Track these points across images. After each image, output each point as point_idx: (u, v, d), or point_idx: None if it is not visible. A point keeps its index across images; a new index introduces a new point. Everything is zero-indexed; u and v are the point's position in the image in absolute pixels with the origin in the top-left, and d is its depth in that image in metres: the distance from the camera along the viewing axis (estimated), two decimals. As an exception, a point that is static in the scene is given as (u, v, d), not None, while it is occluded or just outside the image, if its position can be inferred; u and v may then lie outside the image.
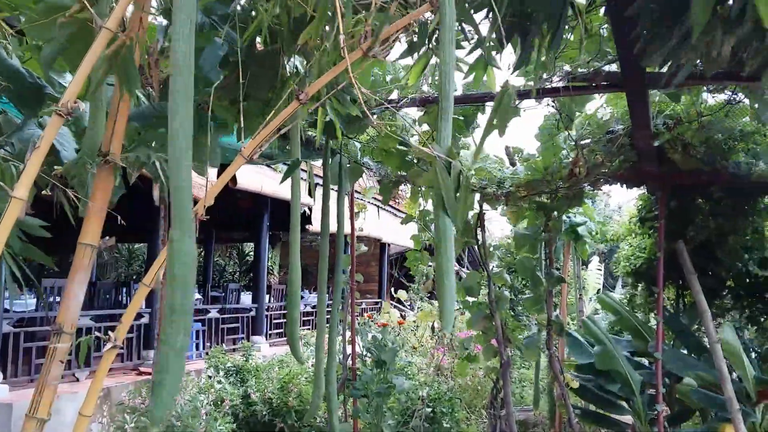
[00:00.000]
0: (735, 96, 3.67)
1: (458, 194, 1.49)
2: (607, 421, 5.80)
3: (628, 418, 5.61)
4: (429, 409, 5.52)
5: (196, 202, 1.60)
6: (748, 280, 5.84)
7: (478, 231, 5.58)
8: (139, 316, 8.29)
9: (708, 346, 4.93)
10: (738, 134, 4.07)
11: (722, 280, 5.89)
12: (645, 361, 5.68)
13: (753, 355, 5.53)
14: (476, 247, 5.65)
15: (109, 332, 1.60)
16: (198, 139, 2.02)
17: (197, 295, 11.58)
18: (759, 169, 4.10)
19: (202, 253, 15.16)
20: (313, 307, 13.05)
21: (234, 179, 7.94)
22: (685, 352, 5.65)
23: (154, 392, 1.30)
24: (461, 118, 4.07)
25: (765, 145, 4.19)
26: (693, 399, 5.09)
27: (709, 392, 4.93)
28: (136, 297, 1.69)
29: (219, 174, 1.81)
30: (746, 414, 4.79)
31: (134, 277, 17.52)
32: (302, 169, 6.75)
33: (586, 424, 6.17)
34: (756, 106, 3.64)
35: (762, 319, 5.90)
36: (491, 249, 5.84)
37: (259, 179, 8.57)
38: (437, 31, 2.03)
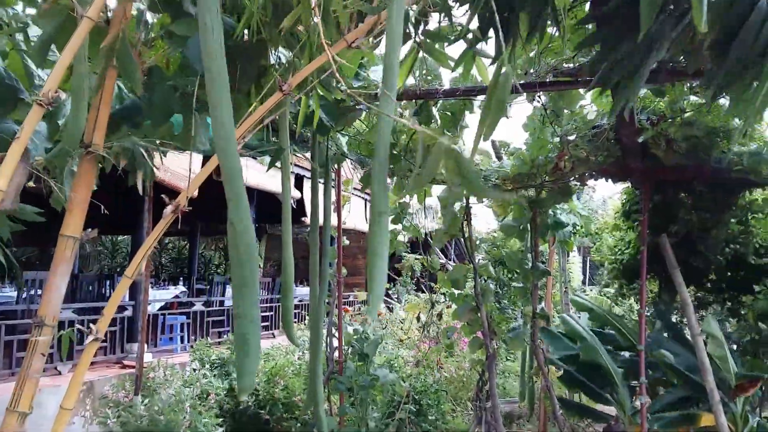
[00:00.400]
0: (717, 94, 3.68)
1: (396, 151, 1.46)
2: (591, 412, 5.86)
3: (611, 409, 5.67)
4: (415, 402, 5.54)
5: (178, 193, 1.58)
6: (729, 274, 5.91)
7: (465, 224, 5.60)
8: (122, 309, 8.22)
9: (690, 338, 4.99)
10: (720, 131, 4.11)
11: (704, 274, 5.95)
12: (626, 354, 5.74)
13: (734, 347, 5.61)
14: (462, 239, 5.67)
15: (91, 325, 1.58)
16: (185, 127, 2.01)
17: (182, 288, 11.52)
18: (740, 162, 4.14)
19: (187, 246, 15.07)
20: (301, 300, 13.03)
21: (218, 170, 7.88)
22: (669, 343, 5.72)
23: (238, 363, 1.43)
24: (449, 114, 4.07)
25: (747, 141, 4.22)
26: (673, 374, 5.15)
27: (690, 376, 4.99)
28: (118, 289, 1.67)
29: (203, 165, 1.80)
30: (726, 405, 4.86)
31: (117, 270, 17.38)
32: (292, 162, 6.70)
33: (570, 416, 6.23)
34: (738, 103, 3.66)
35: (743, 312, 5.98)
36: (477, 242, 5.86)
37: (244, 171, 8.52)
38: (423, 23, 2.02)
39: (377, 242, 1.46)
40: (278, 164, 2.35)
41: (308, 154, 3.52)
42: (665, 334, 5.78)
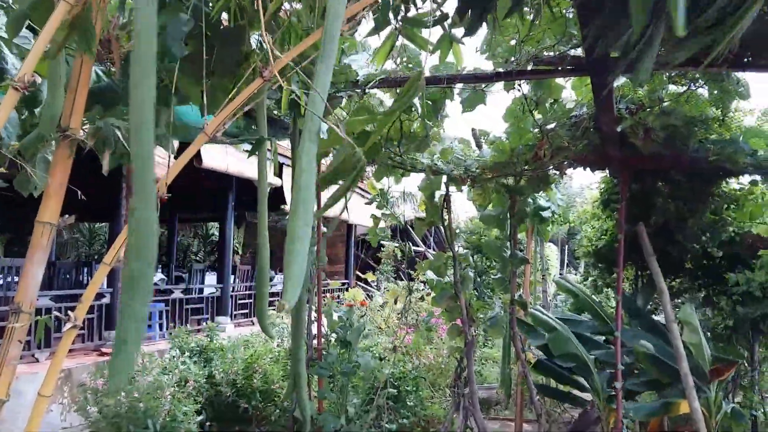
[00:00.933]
0: (694, 83, 3.74)
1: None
2: (567, 397, 5.95)
3: (587, 394, 5.76)
4: (394, 389, 5.58)
5: (157, 180, 1.57)
6: (705, 262, 6.01)
7: (444, 212, 5.62)
8: (100, 296, 8.16)
9: (665, 325, 5.08)
10: (697, 121, 4.16)
11: (681, 262, 6.04)
12: (603, 340, 5.82)
13: (708, 334, 5.71)
14: (442, 227, 5.70)
15: (69, 312, 1.57)
16: (161, 113, 1.99)
17: (160, 275, 11.43)
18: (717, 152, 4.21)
19: (166, 233, 14.94)
20: (279, 288, 13.01)
21: (199, 158, 7.83)
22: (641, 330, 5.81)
23: (111, 361, 1.32)
24: (429, 102, 4.07)
25: (724, 131, 4.28)
26: (648, 364, 5.24)
27: (666, 361, 5.08)
28: (96, 276, 1.66)
29: (182, 152, 1.78)
30: (701, 390, 4.96)
31: (95, 257, 17.18)
32: (267, 149, 6.68)
33: (546, 400, 6.33)
34: (715, 92, 3.72)
35: (717, 300, 6.09)
36: (456, 230, 5.90)
37: (225, 158, 8.46)
38: (402, 10, 2.02)
39: (297, 223, 1.34)
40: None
41: (286, 142, 3.50)
42: (638, 322, 5.88)
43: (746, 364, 5.81)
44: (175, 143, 2.85)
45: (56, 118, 1.61)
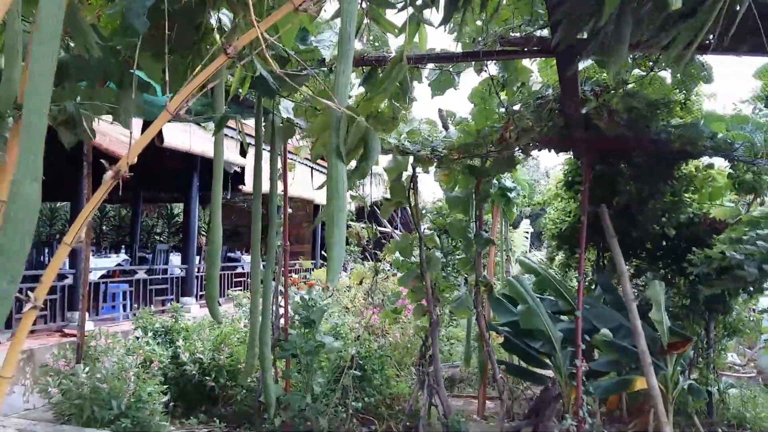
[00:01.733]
0: (658, 66, 3.81)
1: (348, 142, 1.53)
2: (530, 375, 6.08)
3: (549, 373, 5.89)
4: (359, 368, 5.62)
5: (118, 159, 1.55)
6: (664, 243, 6.16)
7: (411, 193, 5.65)
8: (62, 277, 8.02)
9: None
10: (660, 103, 4.24)
11: (641, 243, 6.19)
12: (566, 319, 5.95)
13: (667, 312, 5.87)
14: (408, 208, 5.72)
15: (29, 293, 1.54)
16: (122, 91, 1.95)
17: (124, 256, 11.26)
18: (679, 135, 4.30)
19: (129, 213, 14.69)
20: (244, 268, 12.94)
21: (161, 137, 7.69)
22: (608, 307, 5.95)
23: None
24: (397, 83, 4.05)
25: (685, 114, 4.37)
26: (607, 349, 5.39)
27: (623, 344, 5.22)
28: (56, 256, 1.63)
29: (143, 131, 1.75)
30: (658, 367, 5.11)
31: (57, 237, 16.82)
32: (231, 127, 6.58)
33: (510, 378, 6.45)
34: (678, 76, 3.79)
35: (675, 280, 6.26)
36: (423, 211, 5.93)
37: (188, 138, 8.32)
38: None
39: (335, 209, 1.52)
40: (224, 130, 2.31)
41: (252, 122, 3.47)
42: (602, 300, 6.02)
43: (702, 343, 6.00)
44: (138, 122, 2.80)
45: (14, 94, 1.57)
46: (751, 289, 5.73)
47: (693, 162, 5.89)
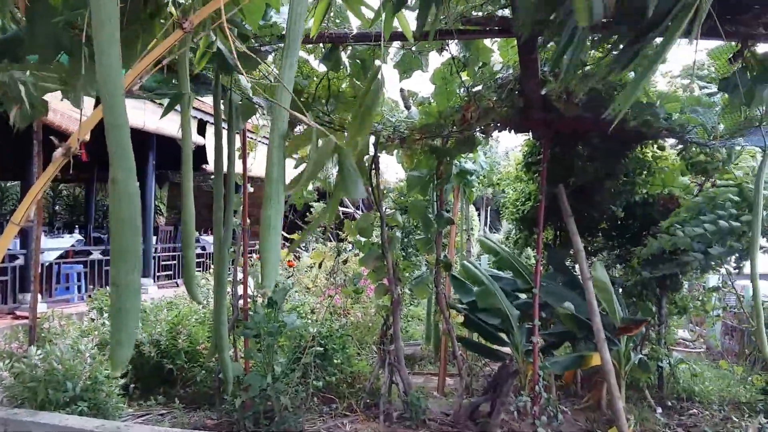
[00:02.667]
0: (615, 48, 3.84)
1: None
2: (488, 352, 6.18)
3: (507, 349, 6.00)
4: (321, 347, 5.63)
5: (69, 136, 1.50)
6: (620, 223, 6.30)
7: (372, 173, 5.63)
8: (13, 257, 7.80)
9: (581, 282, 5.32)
10: (618, 85, 4.29)
11: (597, 223, 6.32)
12: (524, 296, 6.06)
13: (620, 290, 6.03)
14: (370, 188, 5.71)
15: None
16: (73, 67, 1.88)
17: (77, 236, 11.00)
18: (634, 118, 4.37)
19: (83, 193, 14.33)
20: (203, 248, 12.79)
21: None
22: (562, 286, 6.08)
23: (115, 335, 1.32)
24: (358, 61, 4.01)
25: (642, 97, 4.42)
26: (570, 322, 5.51)
27: (581, 318, 5.35)
28: (3, 236, 1.57)
29: (96, 107, 1.70)
30: (611, 343, 5.25)
31: (7, 218, 16.31)
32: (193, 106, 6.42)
33: (469, 355, 6.55)
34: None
35: (629, 258, 6.42)
36: (384, 191, 5.93)
37: (142, 115, 8.12)
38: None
39: (271, 212, 1.52)
40: (178, 108, 2.25)
41: (210, 99, 3.39)
42: (562, 277, 6.14)
43: (654, 319, 6.19)
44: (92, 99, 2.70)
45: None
46: (699, 269, 5.92)
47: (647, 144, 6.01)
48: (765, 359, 5.00)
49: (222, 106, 3.15)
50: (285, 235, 11.71)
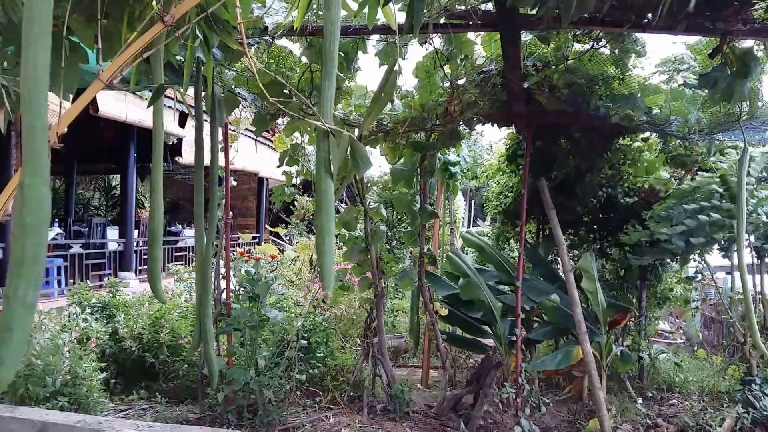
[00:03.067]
0: (598, 43, 3.88)
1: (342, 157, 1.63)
2: (471, 344, 6.22)
3: (490, 341, 6.04)
4: (304, 340, 5.62)
5: (49, 128, 1.47)
6: (601, 215, 6.36)
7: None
8: (-9, 251, 7.70)
9: (563, 275, 5.36)
10: (599, 79, 4.31)
11: (579, 215, 6.37)
12: (506, 290, 6.10)
13: (602, 283, 6.08)
14: (354, 181, 5.71)
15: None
16: (53, 60, 1.85)
17: (58, 230, 10.87)
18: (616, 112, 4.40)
19: (63, 186, 14.16)
20: (186, 242, 12.70)
21: (95, 106, 7.40)
22: (542, 280, 6.13)
23: None
24: (341, 53, 4.00)
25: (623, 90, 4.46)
26: (554, 315, 5.55)
27: (565, 310, 5.39)
28: (-18, 230, 1.55)
29: (74, 100, 1.67)
30: (594, 335, 5.31)
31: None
32: (169, 97, 6.38)
33: (452, 347, 6.59)
34: (616, 51, 3.88)
35: (610, 251, 6.49)
36: (368, 185, 5.92)
37: (124, 107, 8.03)
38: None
39: (324, 219, 1.66)
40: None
41: (193, 91, 3.36)
42: (541, 270, 6.19)
43: (635, 311, 6.26)
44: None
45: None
46: (678, 259, 6.00)
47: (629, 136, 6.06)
48: (757, 348, 5.06)
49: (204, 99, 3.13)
50: (269, 228, 11.69)
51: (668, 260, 6.13)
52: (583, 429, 5.12)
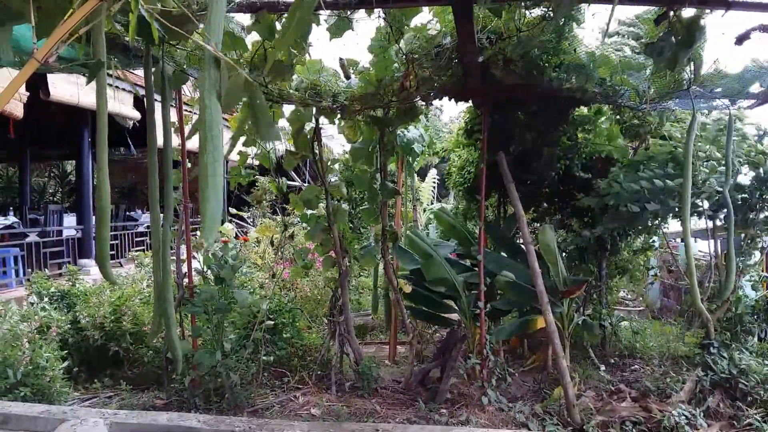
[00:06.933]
0: (549, 12, 3.88)
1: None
2: (437, 319, 6.29)
3: (455, 316, 6.11)
4: (271, 322, 5.60)
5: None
6: (560, 188, 6.44)
7: (315, 145, 5.58)
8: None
9: (524, 248, 5.44)
10: (551, 49, 4.33)
11: (539, 188, 6.44)
12: (470, 264, 6.16)
13: (563, 254, 6.19)
14: (314, 160, 5.67)
15: None
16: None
17: (13, 218, 10.58)
18: (569, 83, 4.44)
19: (17, 173, 13.76)
20: (148, 227, 12.49)
21: (46, 90, 7.18)
22: (504, 254, 6.21)
23: None
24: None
25: (573, 60, 4.48)
26: (509, 291, 5.64)
27: (523, 285, 5.48)
28: None
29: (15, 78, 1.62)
30: (555, 306, 5.41)
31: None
32: (119, 78, 6.19)
33: (419, 322, 6.65)
34: (562, 20, 3.90)
35: (570, 223, 6.59)
36: (329, 163, 5.88)
37: (75, 90, 7.80)
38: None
39: (210, 159, 1.44)
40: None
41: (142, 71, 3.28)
42: (502, 246, 6.27)
43: (595, 281, 6.39)
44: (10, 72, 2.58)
45: None
46: (639, 229, 6.13)
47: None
48: (699, 314, 5.23)
49: (154, 78, 3.06)
50: (232, 210, 11.55)
51: (628, 231, 6.24)
52: (548, 397, 5.23)
